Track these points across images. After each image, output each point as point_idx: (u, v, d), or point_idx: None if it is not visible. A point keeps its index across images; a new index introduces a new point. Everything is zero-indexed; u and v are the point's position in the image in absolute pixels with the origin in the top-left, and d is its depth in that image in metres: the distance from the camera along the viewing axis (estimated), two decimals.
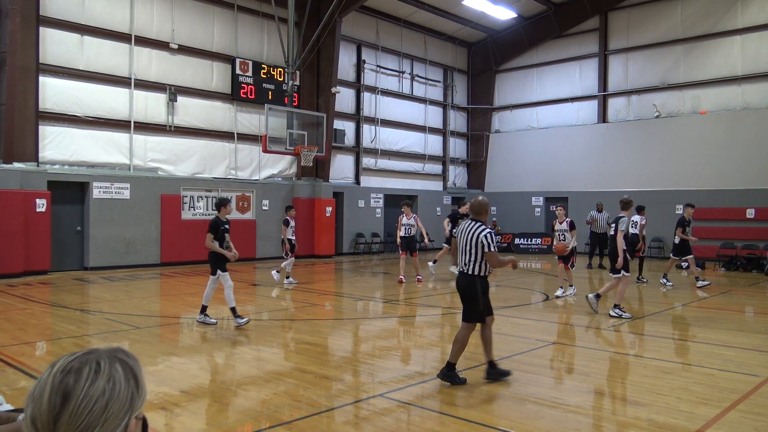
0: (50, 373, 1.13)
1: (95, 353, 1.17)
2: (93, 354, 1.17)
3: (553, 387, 5.68)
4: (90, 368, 1.13)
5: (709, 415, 4.82)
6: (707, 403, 5.15)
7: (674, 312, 10.50)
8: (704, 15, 21.11)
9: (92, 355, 1.16)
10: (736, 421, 4.71)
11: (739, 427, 4.57)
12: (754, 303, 12.20)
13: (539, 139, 25.26)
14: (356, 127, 22.61)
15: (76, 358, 1.15)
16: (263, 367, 6.48)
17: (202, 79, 17.95)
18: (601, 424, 4.83)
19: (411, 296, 12.23)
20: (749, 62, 20.24)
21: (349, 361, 6.97)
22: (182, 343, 7.85)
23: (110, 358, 1.17)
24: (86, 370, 1.13)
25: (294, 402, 5.16)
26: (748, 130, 19.93)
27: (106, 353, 1.18)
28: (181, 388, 5.51)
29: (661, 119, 22.06)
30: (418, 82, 24.96)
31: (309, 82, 20.34)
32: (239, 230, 18.45)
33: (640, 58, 22.75)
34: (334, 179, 21.46)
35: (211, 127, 18.14)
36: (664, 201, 21.13)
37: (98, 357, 1.16)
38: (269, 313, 10.06)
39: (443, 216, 25.94)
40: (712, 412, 4.89)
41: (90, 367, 1.13)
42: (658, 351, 7.24)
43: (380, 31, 23.17)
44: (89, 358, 1.15)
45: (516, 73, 26.33)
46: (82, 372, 1.12)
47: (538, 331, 8.44)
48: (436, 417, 4.91)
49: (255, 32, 19.28)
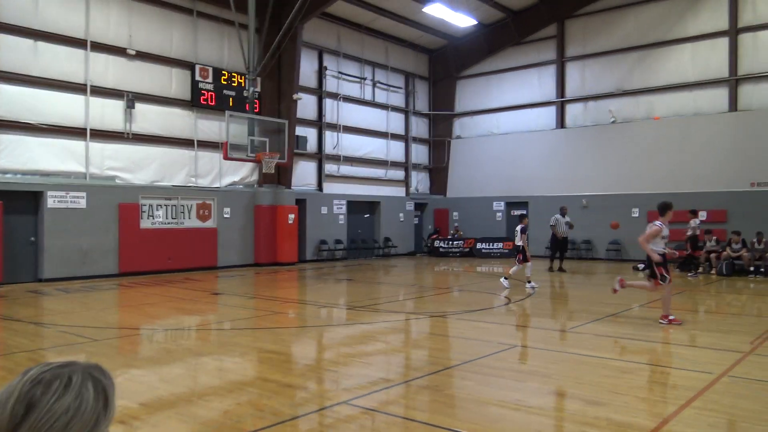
0: (21, 381, 1.10)
1: (70, 367, 1.14)
2: (68, 368, 1.13)
3: (516, 389, 5.74)
4: (60, 382, 1.10)
5: (666, 413, 4.94)
6: (664, 401, 5.28)
7: (631, 313, 10.74)
8: (656, 23, 21.77)
9: (66, 369, 1.13)
10: (692, 417, 4.84)
11: (695, 424, 4.69)
12: (708, 303, 12.57)
13: (500, 144, 25.62)
14: (318, 134, 22.55)
15: (50, 370, 1.12)
16: (225, 377, 6.39)
17: (161, 86, 17.66)
18: (562, 425, 4.91)
19: (375, 303, 12.23)
20: (699, 69, 20.94)
21: (313, 368, 6.93)
22: (142, 355, 7.68)
23: (84, 375, 1.13)
24: (56, 383, 1.09)
25: (257, 411, 5.10)
26: (699, 135, 20.60)
27: (81, 369, 1.14)
28: (141, 400, 5.40)
29: (617, 125, 22.62)
30: (379, 89, 25.05)
31: (270, 88, 20.22)
32: (200, 238, 18.22)
33: (596, 65, 23.30)
34: (297, 186, 21.35)
35: (170, 134, 17.85)
36: (620, 204, 21.66)
37: (72, 372, 1.13)
38: (231, 322, 9.93)
39: (406, 221, 26.14)
40: (669, 410, 5.01)
41: (61, 381, 1.10)
42: (616, 351, 7.39)
43: (342, 38, 23.20)
44: (62, 372, 1.12)
45: (476, 80, 26.67)
46: (52, 385, 1.09)
47: (500, 335, 8.54)
48: (400, 422, 4.92)
49: (215, 38, 19.08)
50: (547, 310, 11.48)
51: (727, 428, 4.73)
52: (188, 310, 11.11)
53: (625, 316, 10.33)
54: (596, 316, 10.01)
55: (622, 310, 10.82)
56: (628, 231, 21.18)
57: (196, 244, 18.12)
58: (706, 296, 13.44)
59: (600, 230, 22.26)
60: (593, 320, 9.66)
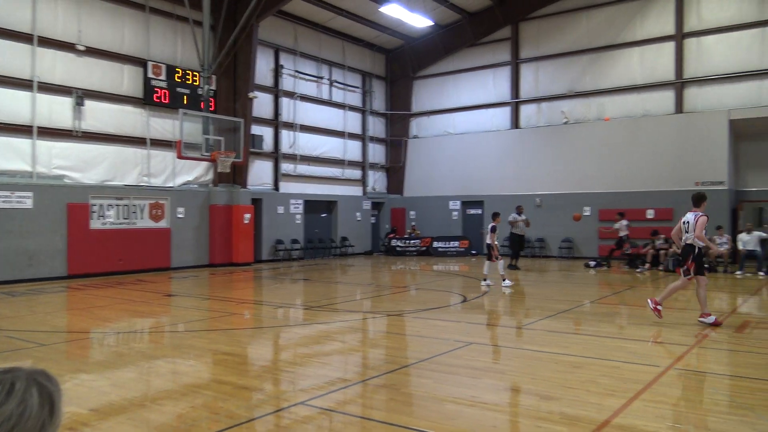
0: None
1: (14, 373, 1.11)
2: (11, 374, 1.11)
3: (471, 386, 5.82)
4: (2, 389, 1.07)
5: (616, 406, 5.09)
6: (613, 394, 5.44)
7: (583, 309, 11.02)
8: (607, 27, 22.36)
9: (9, 375, 1.10)
10: (640, 409, 5.00)
11: (643, 415, 4.85)
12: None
13: (456, 144, 25.88)
14: (275, 133, 22.36)
15: None
16: (179, 380, 6.28)
17: (112, 83, 17.21)
18: (516, 420, 5.01)
19: (332, 302, 12.21)
20: (647, 72, 21.61)
21: (269, 370, 6.88)
22: (92, 359, 7.48)
23: (28, 381, 1.11)
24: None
25: (212, 415, 5.04)
26: (647, 136, 21.26)
27: (25, 374, 1.12)
28: (91, 406, 5.26)
29: (569, 125, 23.14)
30: (336, 88, 24.99)
31: (226, 86, 19.93)
32: (152, 239, 17.85)
33: (549, 67, 23.78)
34: (253, 185, 21.12)
35: (122, 132, 17.41)
36: (573, 203, 22.17)
37: (15, 377, 1.10)
38: (185, 324, 9.77)
39: (363, 221, 26.16)
40: (618, 403, 5.16)
41: (3, 387, 1.07)
42: (568, 347, 7.57)
43: (298, 37, 23.05)
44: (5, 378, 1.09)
45: (433, 80, 26.88)
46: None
47: (456, 332, 8.64)
48: (357, 422, 4.93)
49: (168, 35, 18.69)
50: (502, 307, 11.67)
51: (674, 419, 4.91)
52: (141, 313, 10.87)
53: (577, 312, 10.58)
54: (549, 313, 10.22)
55: (574, 307, 11.08)
56: (580, 229, 21.77)
57: (149, 245, 17.74)
58: (654, 292, 13.87)
59: (553, 228, 22.76)
60: (546, 317, 9.87)
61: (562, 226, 22.51)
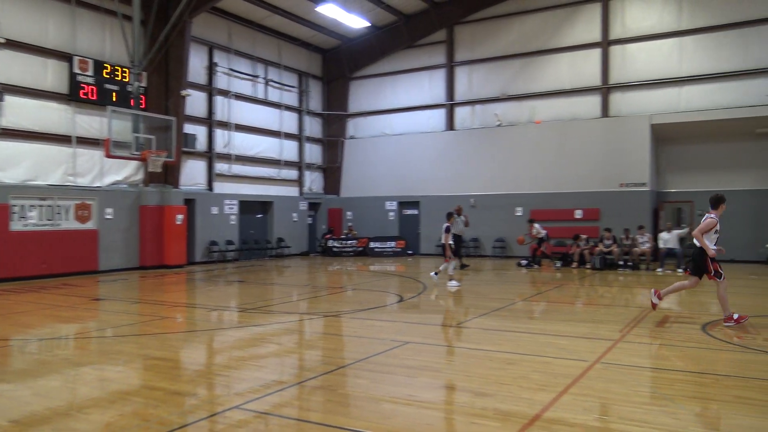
0: None
1: None
2: None
3: (407, 385, 5.88)
4: None
5: (546, 400, 5.26)
6: (544, 388, 5.62)
7: (515, 307, 11.31)
8: (538, 33, 23.05)
9: None
10: (569, 403, 5.19)
11: (572, 408, 5.03)
12: (582, 295, 13.48)
13: (392, 145, 26.07)
14: (208, 132, 21.89)
15: None
16: (107, 388, 6.06)
17: (34, 78, 16.42)
18: (452, 417, 5.09)
19: (267, 304, 12.07)
20: (576, 77, 22.42)
21: (203, 374, 6.73)
22: (12, 368, 7.11)
23: None
24: None
25: (142, 422, 4.89)
26: (576, 139, 22.05)
27: None
28: (11, 417, 5.00)
29: (502, 128, 23.72)
30: (272, 87, 24.70)
31: (157, 83, 19.35)
32: (78, 241, 17.15)
33: (483, 70, 24.30)
34: (185, 185, 20.59)
35: (45, 129, 16.64)
36: (506, 204, 22.75)
37: None
38: (113, 329, 9.43)
39: (300, 221, 25.97)
40: (549, 397, 5.34)
41: None
42: (501, 344, 7.76)
43: (233, 34, 22.65)
44: None
45: (370, 81, 26.97)
46: None
47: (392, 332, 8.70)
48: (294, 424, 4.89)
49: (96, 29, 17.98)
50: (437, 306, 11.84)
51: (600, 411, 5.11)
52: (65, 318, 10.42)
53: (509, 309, 10.86)
54: (483, 311, 10.45)
55: (506, 305, 11.36)
56: (511, 229, 22.33)
57: (75, 247, 17.02)
58: (581, 289, 14.40)
59: (487, 228, 23.26)
60: (480, 315, 10.08)
61: (496, 227, 23.06)
